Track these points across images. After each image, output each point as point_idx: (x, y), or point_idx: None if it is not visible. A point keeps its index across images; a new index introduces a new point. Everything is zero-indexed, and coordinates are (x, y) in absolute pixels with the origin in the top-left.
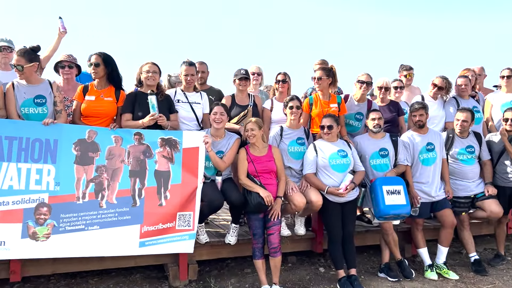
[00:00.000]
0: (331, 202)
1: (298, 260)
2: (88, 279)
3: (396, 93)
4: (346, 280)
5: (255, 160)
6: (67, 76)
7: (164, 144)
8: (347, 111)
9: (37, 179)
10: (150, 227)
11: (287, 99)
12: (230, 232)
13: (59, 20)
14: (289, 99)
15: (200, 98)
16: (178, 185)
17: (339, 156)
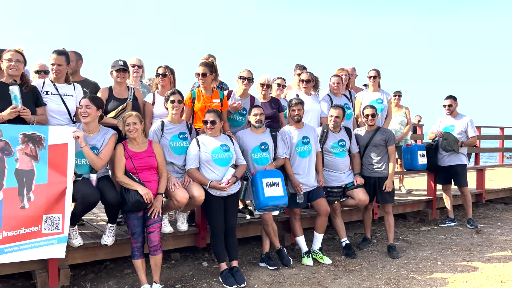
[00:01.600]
0: (213, 196)
1: (182, 257)
2: None
3: (278, 90)
4: (228, 272)
5: (133, 156)
6: None
7: (27, 140)
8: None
9: None
10: (11, 232)
11: (168, 93)
12: (106, 233)
13: None
14: (170, 93)
15: (73, 90)
16: (44, 185)
17: (221, 151)
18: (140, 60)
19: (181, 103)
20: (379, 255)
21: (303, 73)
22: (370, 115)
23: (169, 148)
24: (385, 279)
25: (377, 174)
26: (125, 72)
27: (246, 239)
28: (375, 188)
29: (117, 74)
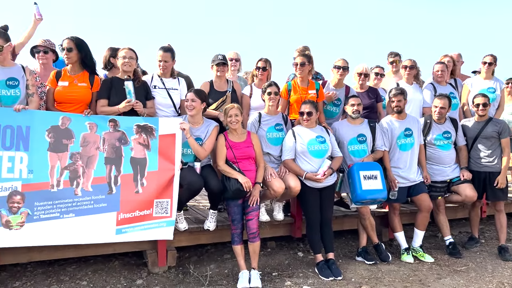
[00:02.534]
0: (309, 187)
1: (277, 245)
2: (66, 266)
3: (376, 79)
4: (324, 264)
5: (233, 146)
6: (43, 61)
7: (140, 131)
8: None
9: (9, 167)
10: (127, 214)
11: (265, 85)
12: (208, 218)
13: (34, 6)
14: (267, 85)
15: (177, 84)
16: (155, 172)
17: (317, 142)
18: (238, 54)
19: (277, 95)
20: (488, 256)
21: (406, 60)
22: (482, 105)
23: (265, 139)
24: (497, 283)
25: (488, 169)
26: (224, 66)
27: (341, 232)
28: (485, 183)
29: (217, 68)
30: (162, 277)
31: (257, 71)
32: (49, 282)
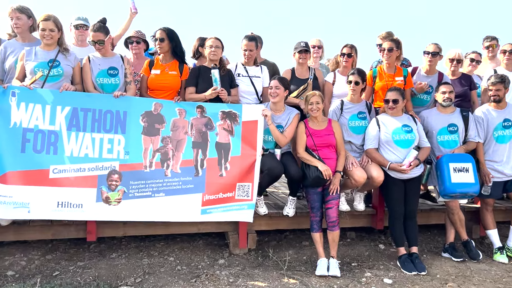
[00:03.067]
0: (393, 178)
1: (358, 236)
2: (155, 243)
3: (470, 65)
4: (407, 258)
5: (314, 134)
6: (136, 51)
7: (225, 117)
8: (413, 84)
9: (109, 148)
10: (211, 196)
11: (349, 72)
12: (288, 205)
13: (130, 1)
14: (351, 73)
15: (260, 72)
16: (238, 157)
17: (403, 132)
18: (320, 41)
19: (358, 85)
20: None
21: (505, 44)
22: None
23: (347, 127)
24: None
25: None
26: (307, 53)
27: (426, 226)
28: None
29: (299, 55)
30: (242, 259)
31: (342, 57)
32: (141, 256)
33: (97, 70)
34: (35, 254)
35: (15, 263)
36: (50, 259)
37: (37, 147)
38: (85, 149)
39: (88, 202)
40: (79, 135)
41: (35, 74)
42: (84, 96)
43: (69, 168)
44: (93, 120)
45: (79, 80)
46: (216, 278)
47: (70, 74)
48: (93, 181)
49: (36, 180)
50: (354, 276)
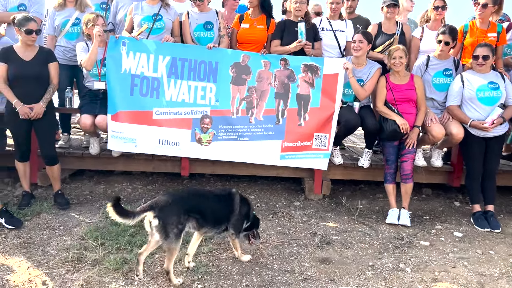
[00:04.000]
0: (473, 136)
1: (433, 193)
2: (239, 183)
3: None
4: (481, 215)
5: (394, 88)
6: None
7: (307, 69)
8: (507, 41)
9: (202, 95)
10: (290, 143)
11: (440, 30)
12: (363, 156)
13: None
14: (441, 32)
15: (344, 26)
16: (317, 109)
17: (488, 89)
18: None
19: (448, 45)
20: None
21: None
22: None
23: (431, 83)
24: None
25: None
26: (395, 8)
27: (509, 188)
28: None
29: (387, 9)
30: (316, 203)
31: (435, 10)
32: None
33: (195, 24)
34: (139, 184)
35: (123, 189)
36: (150, 189)
37: (143, 91)
38: (182, 95)
39: (184, 141)
40: (177, 82)
41: (141, 27)
42: (182, 47)
43: (169, 111)
44: (189, 69)
45: (177, 33)
46: (291, 217)
47: (170, 27)
48: (188, 123)
49: (141, 120)
50: (424, 227)
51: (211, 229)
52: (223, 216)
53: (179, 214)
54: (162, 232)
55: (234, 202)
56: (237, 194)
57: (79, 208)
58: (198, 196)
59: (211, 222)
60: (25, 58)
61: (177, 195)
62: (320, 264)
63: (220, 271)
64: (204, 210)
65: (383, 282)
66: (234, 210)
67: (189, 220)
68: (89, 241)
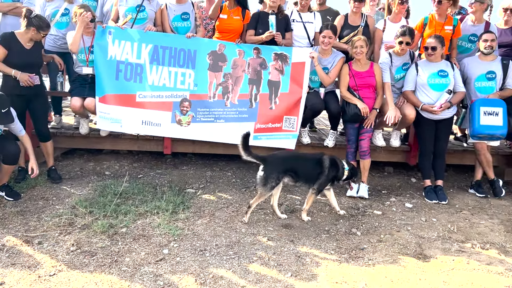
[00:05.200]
0: (425, 118)
1: (395, 171)
2: (218, 161)
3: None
4: (431, 189)
5: (356, 75)
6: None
7: (277, 58)
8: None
9: (181, 80)
10: (262, 125)
11: (399, 32)
12: (328, 137)
13: None
14: (401, 33)
15: (313, 18)
16: (286, 94)
17: (438, 76)
18: None
19: (409, 45)
20: None
21: None
22: None
23: (393, 77)
24: None
25: None
26: (361, 3)
27: (462, 167)
28: None
29: (354, 3)
30: None
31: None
32: (205, 170)
33: (173, 15)
34: (125, 162)
35: (111, 166)
36: (136, 166)
37: (127, 76)
38: (163, 80)
39: (165, 122)
40: (159, 68)
41: (126, 17)
42: (163, 36)
43: (151, 95)
44: (169, 56)
45: (159, 22)
46: None
47: (153, 18)
48: (169, 106)
49: (126, 102)
50: (380, 199)
51: (304, 184)
52: (313, 175)
53: (279, 172)
54: (263, 182)
55: (323, 165)
56: (327, 159)
57: (70, 182)
58: (296, 159)
59: (304, 179)
60: (27, 47)
61: (280, 157)
62: (282, 229)
63: (194, 234)
64: (299, 169)
65: (335, 243)
66: (323, 172)
67: (286, 176)
68: (80, 209)
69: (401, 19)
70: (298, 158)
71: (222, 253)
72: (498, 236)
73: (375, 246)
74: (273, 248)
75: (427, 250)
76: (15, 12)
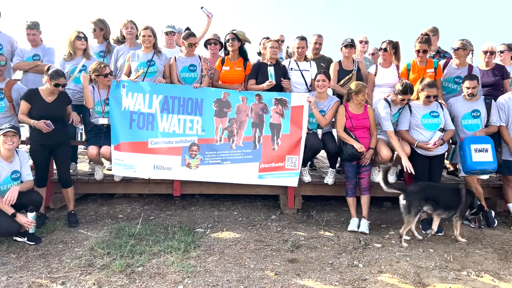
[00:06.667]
0: (419, 155)
1: (393, 205)
2: (224, 201)
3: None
4: (427, 221)
5: (352, 117)
6: (213, 51)
7: (277, 103)
8: (443, 75)
9: (190, 126)
10: (266, 164)
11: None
12: (328, 175)
13: (202, 10)
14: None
15: (309, 66)
16: (287, 135)
17: (431, 116)
18: (366, 37)
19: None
20: None
21: None
22: None
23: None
24: None
25: None
26: (352, 48)
27: None
28: None
29: (345, 49)
30: (290, 216)
31: (380, 51)
32: (212, 210)
33: (181, 66)
34: (137, 205)
35: (123, 210)
36: (147, 209)
37: (139, 125)
38: (173, 127)
39: (175, 166)
40: (169, 116)
41: (137, 71)
42: (172, 87)
43: (162, 141)
44: (179, 105)
45: (168, 74)
46: (267, 228)
47: (162, 70)
48: (178, 150)
49: (139, 149)
50: (380, 233)
51: (443, 212)
52: (452, 204)
53: (420, 200)
54: (407, 209)
55: (461, 194)
56: (463, 189)
57: (86, 226)
58: (434, 189)
59: (443, 207)
60: (48, 101)
61: (420, 186)
62: (289, 263)
63: (206, 270)
64: (438, 198)
65: (338, 275)
66: (461, 200)
67: (427, 204)
68: (98, 250)
69: (391, 64)
70: (437, 188)
71: (233, 287)
72: (492, 264)
73: (376, 276)
74: (280, 281)
75: (425, 279)
76: (36, 70)
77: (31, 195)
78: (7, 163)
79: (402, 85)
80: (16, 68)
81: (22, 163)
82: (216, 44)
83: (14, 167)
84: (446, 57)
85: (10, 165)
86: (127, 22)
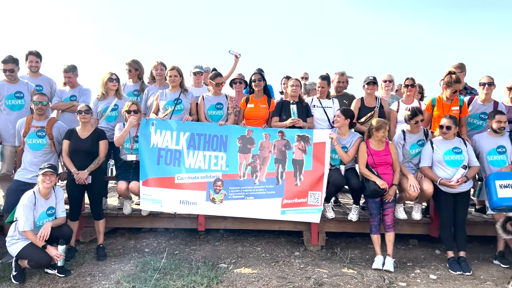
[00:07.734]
0: (443, 192)
1: (420, 243)
2: (248, 237)
3: None
4: (454, 260)
5: (374, 153)
6: (239, 90)
7: (300, 139)
8: (468, 112)
9: (215, 162)
10: (289, 200)
11: (408, 115)
12: (352, 211)
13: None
14: (413, 115)
15: (332, 103)
16: (310, 171)
17: (453, 153)
18: (391, 76)
19: (422, 121)
20: None
21: None
22: None
23: (408, 154)
24: None
25: None
26: (374, 85)
27: (486, 238)
28: None
29: (367, 87)
30: (314, 253)
31: (405, 88)
32: (236, 245)
33: (209, 104)
34: (162, 240)
35: (150, 244)
36: (173, 243)
37: (167, 161)
38: (198, 163)
39: (200, 201)
40: (195, 152)
41: (165, 110)
42: (199, 124)
43: (187, 176)
44: (204, 142)
45: (194, 112)
46: (290, 264)
47: (189, 108)
48: (204, 186)
49: (166, 184)
50: (405, 271)
51: None
52: None
53: None
54: None
55: None
56: None
57: (114, 260)
58: None
59: None
60: (82, 137)
61: None
62: None
63: None
64: None
65: None
66: None
67: None
68: (124, 284)
69: (413, 100)
70: None
71: None
72: None
73: None
74: None
75: None
76: (72, 110)
77: (63, 228)
78: (44, 200)
79: (408, 110)
80: (54, 108)
81: (57, 199)
82: (241, 83)
83: (50, 203)
84: (472, 93)
85: (46, 202)
86: (157, 64)
